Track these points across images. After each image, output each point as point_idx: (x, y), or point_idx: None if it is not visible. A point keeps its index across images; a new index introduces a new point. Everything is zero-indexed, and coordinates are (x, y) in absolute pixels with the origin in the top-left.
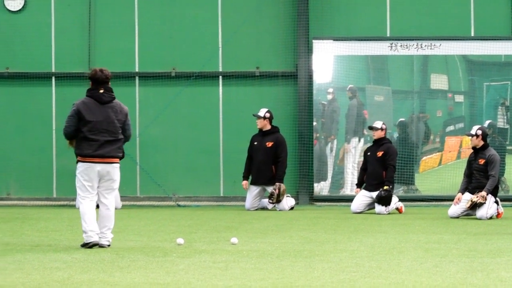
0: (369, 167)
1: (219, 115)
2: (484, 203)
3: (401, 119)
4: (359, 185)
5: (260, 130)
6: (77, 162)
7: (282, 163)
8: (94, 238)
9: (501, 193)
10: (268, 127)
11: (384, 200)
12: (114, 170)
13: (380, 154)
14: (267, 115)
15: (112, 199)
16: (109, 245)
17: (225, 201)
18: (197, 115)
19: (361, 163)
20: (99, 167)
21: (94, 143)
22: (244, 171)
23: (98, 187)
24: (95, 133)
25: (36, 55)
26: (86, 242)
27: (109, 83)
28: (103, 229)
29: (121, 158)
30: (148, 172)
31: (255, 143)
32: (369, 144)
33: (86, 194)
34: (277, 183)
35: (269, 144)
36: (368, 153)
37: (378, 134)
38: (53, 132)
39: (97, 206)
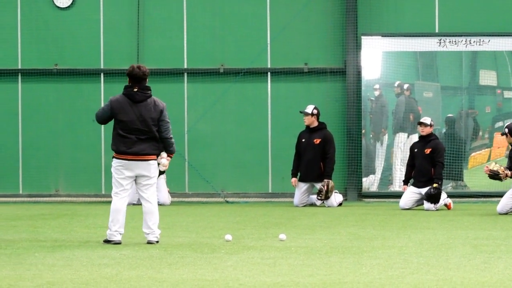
0: (417, 164)
1: (268, 111)
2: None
3: (449, 115)
4: (406, 182)
5: (307, 126)
6: (113, 158)
7: (330, 160)
8: (117, 238)
9: None
10: (316, 123)
11: (434, 198)
12: (149, 167)
13: (428, 151)
14: (315, 111)
15: (152, 193)
16: (157, 241)
17: (274, 197)
18: (245, 112)
19: (408, 159)
20: (133, 164)
21: (127, 140)
22: (293, 168)
23: (136, 184)
24: (128, 132)
25: (85, 52)
26: (108, 239)
27: (147, 80)
28: (149, 223)
29: (158, 155)
30: (196, 168)
31: (303, 140)
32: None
33: (118, 190)
34: (325, 180)
35: (317, 141)
36: (415, 150)
37: (427, 131)
38: (101, 129)
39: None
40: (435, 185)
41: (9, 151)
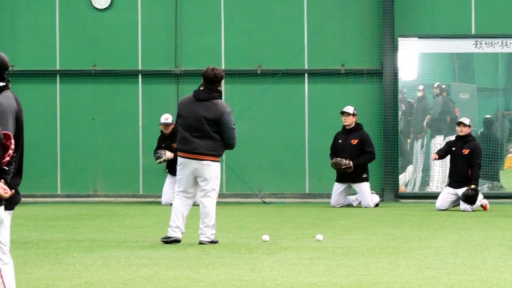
0: (454, 164)
1: (305, 112)
2: None
3: (486, 116)
4: (438, 153)
5: (344, 127)
6: None
7: (370, 156)
8: (176, 234)
9: None
10: (354, 124)
11: (471, 199)
12: (203, 167)
13: (466, 152)
14: (355, 112)
15: (207, 199)
16: (210, 242)
17: (310, 198)
18: (282, 113)
19: (443, 150)
20: (189, 163)
21: (184, 137)
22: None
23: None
24: (184, 128)
25: (123, 53)
26: (167, 235)
27: (219, 83)
28: (201, 225)
29: (215, 156)
30: (234, 169)
31: (339, 141)
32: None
33: (178, 190)
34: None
35: (354, 141)
36: (454, 149)
37: (466, 131)
38: (139, 129)
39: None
40: (472, 186)
41: (47, 152)
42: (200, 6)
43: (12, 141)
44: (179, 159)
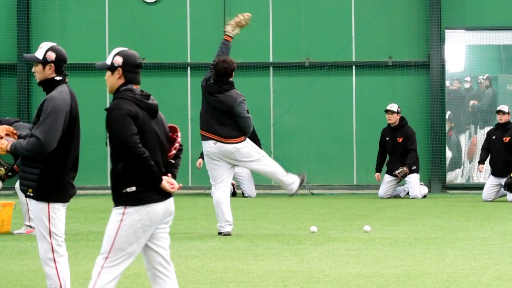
0: (494, 152)
1: (352, 104)
2: None
3: None
4: (481, 162)
5: (389, 124)
6: None
7: (413, 154)
8: (225, 229)
9: None
10: (398, 121)
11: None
12: (231, 154)
13: (507, 139)
14: (399, 109)
15: (262, 166)
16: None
17: (358, 189)
18: (330, 105)
19: (483, 142)
20: (217, 150)
21: (207, 122)
22: (377, 163)
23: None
24: (208, 114)
25: (172, 46)
26: (219, 231)
27: (229, 75)
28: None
29: (237, 137)
30: (282, 161)
31: (387, 138)
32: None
33: (214, 182)
34: (404, 168)
35: (400, 139)
36: (493, 137)
37: (505, 118)
38: (188, 122)
39: (234, 194)
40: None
41: (97, 145)
42: None
43: (179, 134)
44: (204, 145)
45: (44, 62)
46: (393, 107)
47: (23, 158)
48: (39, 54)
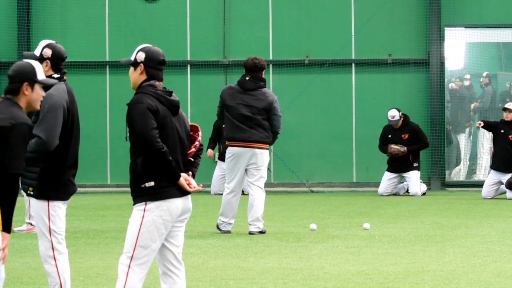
0: (498, 147)
1: (352, 102)
2: None
3: None
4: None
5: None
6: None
7: (423, 145)
8: (226, 228)
9: None
10: (401, 123)
11: None
12: (256, 156)
13: None
14: (401, 114)
15: (255, 187)
16: (260, 232)
17: (358, 187)
18: (330, 102)
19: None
20: (245, 151)
21: (235, 126)
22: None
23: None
24: (235, 117)
25: (172, 44)
26: (219, 229)
27: (262, 71)
28: (251, 213)
29: (268, 143)
30: (282, 158)
31: (389, 136)
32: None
33: (227, 181)
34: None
35: (405, 136)
36: (502, 131)
37: (511, 117)
38: (188, 120)
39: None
40: None
41: (97, 142)
42: None
43: (200, 133)
44: (231, 149)
45: (41, 59)
46: (396, 115)
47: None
48: (37, 51)
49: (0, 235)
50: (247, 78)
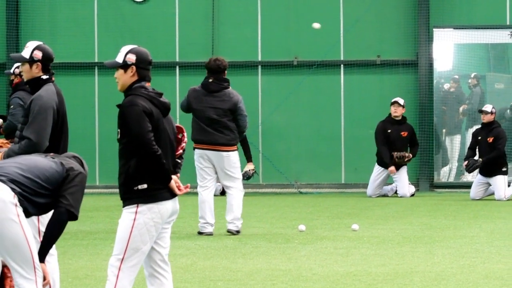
0: (481, 152)
1: (341, 103)
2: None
3: None
4: (466, 159)
5: (393, 118)
6: (194, 149)
7: (417, 147)
8: (207, 230)
9: None
10: (401, 116)
11: (471, 167)
12: (223, 158)
13: (491, 140)
14: (404, 103)
15: (232, 189)
16: (238, 231)
17: (347, 188)
18: (318, 103)
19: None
20: (210, 154)
21: (202, 129)
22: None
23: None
24: (201, 121)
25: (161, 45)
26: (200, 231)
27: (224, 72)
28: (230, 213)
29: (234, 145)
30: (270, 159)
31: (389, 130)
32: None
33: (201, 183)
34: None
35: (405, 133)
36: (479, 138)
37: (488, 118)
38: (177, 121)
39: (223, 193)
40: (480, 159)
41: (86, 143)
42: None
43: (185, 134)
44: (198, 151)
45: (31, 61)
46: (400, 100)
47: None
48: (26, 53)
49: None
50: (210, 80)
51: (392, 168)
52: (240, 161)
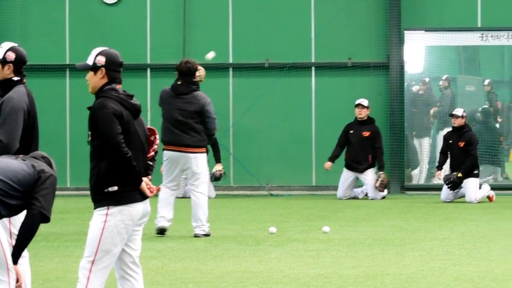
0: (452, 156)
1: (312, 105)
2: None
3: (484, 106)
4: (439, 167)
5: (356, 118)
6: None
7: (382, 153)
8: (161, 223)
9: None
10: (367, 117)
11: (454, 185)
12: (190, 160)
13: (462, 144)
14: (369, 104)
15: (199, 186)
16: (205, 235)
17: (317, 190)
18: (290, 106)
19: (441, 147)
20: (177, 156)
21: (169, 130)
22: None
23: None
24: (170, 123)
25: (132, 47)
26: (156, 224)
27: (194, 74)
28: (196, 216)
29: (201, 147)
30: (241, 162)
31: (351, 131)
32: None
33: (165, 182)
34: (382, 172)
35: (366, 133)
36: (450, 141)
37: (459, 122)
38: (148, 123)
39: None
40: (459, 174)
41: (57, 145)
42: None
43: (157, 136)
44: (166, 153)
45: (3, 62)
46: (364, 101)
47: None
48: None
49: (13, 269)
50: (179, 83)
51: (327, 164)
52: (208, 164)
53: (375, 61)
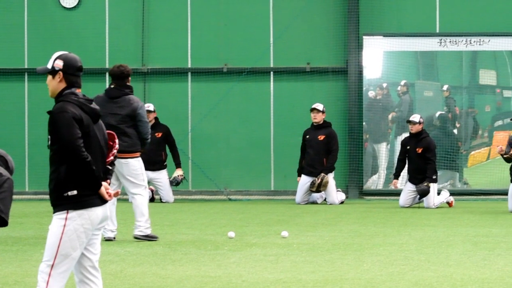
0: (410, 162)
1: (270, 110)
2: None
3: (440, 112)
4: (396, 176)
5: (312, 123)
6: None
7: (334, 156)
8: (107, 234)
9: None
10: (322, 121)
11: (424, 194)
12: (120, 165)
13: (419, 150)
14: (324, 109)
15: (134, 195)
16: (146, 236)
17: (276, 195)
18: (248, 111)
19: (399, 153)
20: None
21: None
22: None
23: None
24: None
25: (91, 52)
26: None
27: (128, 78)
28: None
29: (133, 152)
30: (200, 166)
31: (307, 136)
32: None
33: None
34: (322, 174)
35: (321, 137)
36: (408, 147)
37: (416, 128)
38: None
39: (152, 200)
40: (425, 184)
41: (15, 149)
42: (167, 4)
43: (116, 140)
44: None
45: None
46: (319, 106)
47: None
48: None
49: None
50: (112, 86)
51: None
52: (141, 168)
53: (334, 66)
